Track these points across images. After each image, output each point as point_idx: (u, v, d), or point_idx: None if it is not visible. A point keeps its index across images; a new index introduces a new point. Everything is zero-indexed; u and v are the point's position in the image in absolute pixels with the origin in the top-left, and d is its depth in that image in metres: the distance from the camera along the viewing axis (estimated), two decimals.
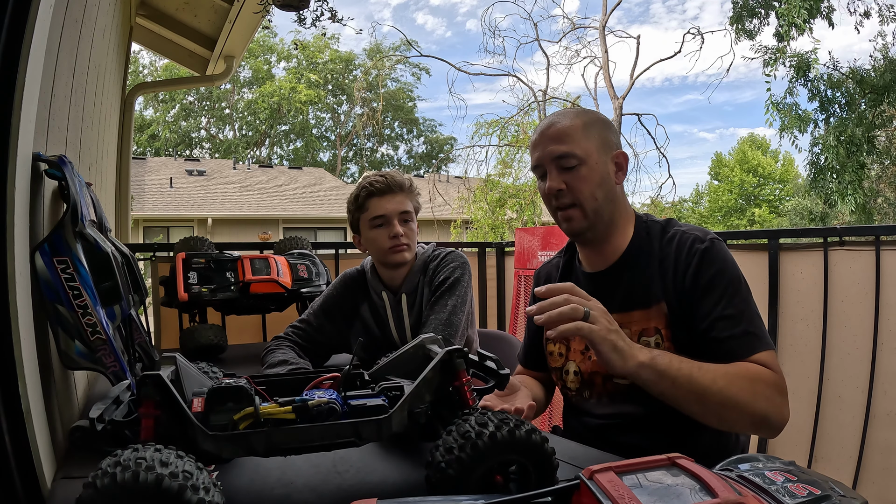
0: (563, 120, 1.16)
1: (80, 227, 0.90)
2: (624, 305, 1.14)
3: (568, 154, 1.13)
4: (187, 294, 1.76)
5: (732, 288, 1.07)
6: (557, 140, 1.14)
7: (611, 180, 1.16)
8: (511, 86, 16.06)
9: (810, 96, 10.43)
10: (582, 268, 1.26)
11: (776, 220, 22.42)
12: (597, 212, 1.15)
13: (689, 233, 1.14)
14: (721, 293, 1.07)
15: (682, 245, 1.12)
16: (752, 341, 1.04)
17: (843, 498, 0.55)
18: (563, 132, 1.14)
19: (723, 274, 1.08)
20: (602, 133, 1.17)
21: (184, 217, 14.83)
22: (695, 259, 1.09)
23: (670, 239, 1.14)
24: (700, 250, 1.10)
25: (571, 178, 1.14)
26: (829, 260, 2.05)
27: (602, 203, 1.15)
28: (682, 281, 1.10)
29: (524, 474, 0.66)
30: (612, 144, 1.18)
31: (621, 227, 1.19)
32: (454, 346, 0.77)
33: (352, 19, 24.11)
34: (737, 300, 1.07)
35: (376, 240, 1.56)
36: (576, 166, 1.13)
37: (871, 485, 1.93)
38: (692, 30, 16.16)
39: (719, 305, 1.06)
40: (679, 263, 1.11)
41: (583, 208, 1.14)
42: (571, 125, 1.15)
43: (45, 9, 0.78)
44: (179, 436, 0.64)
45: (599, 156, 1.15)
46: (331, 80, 26.56)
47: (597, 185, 1.14)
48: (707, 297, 1.07)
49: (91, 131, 1.69)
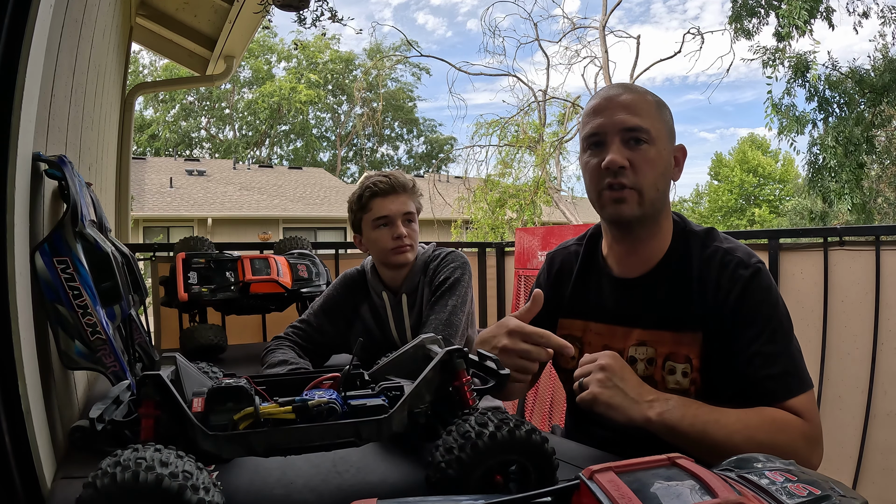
0: (635, 92, 1.03)
1: (80, 227, 0.90)
2: (655, 323, 1.05)
3: (640, 128, 0.99)
4: (187, 294, 1.76)
5: (775, 322, 0.98)
6: (629, 110, 1.00)
7: (671, 174, 1.05)
8: (511, 86, 16.08)
9: (808, 96, 10.43)
10: (609, 269, 1.14)
11: (776, 220, 22.41)
12: (653, 203, 1.02)
13: (733, 254, 1.02)
14: (762, 328, 0.97)
15: (725, 268, 1.01)
16: (790, 383, 0.95)
17: (843, 498, 0.55)
18: (637, 103, 1.01)
19: (766, 306, 0.98)
20: (671, 120, 1.06)
21: (184, 217, 14.84)
22: (737, 286, 0.99)
23: (710, 256, 1.03)
24: (744, 277, 0.99)
25: (637, 156, 1.00)
26: (830, 260, 2.05)
27: (660, 196, 1.03)
28: (720, 309, 1.00)
29: (524, 474, 0.66)
30: (674, 135, 1.07)
31: (664, 229, 1.08)
32: (454, 346, 0.77)
33: (352, 19, 24.11)
34: (778, 336, 0.97)
35: (379, 240, 1.56)
36: (644, 144, 1.00)
37: (871, 485, 1.93)
38: (692, 30, 16.18)
39: (759, 341, 0.97)
40: (720, 290, 1.00)
41: (641, 194, 1.00)
42: (645, 99, 1.03)
43: (45, 9, 0.78)
44: (179, 436, 0.64)
45: (668, 142, 1.04)
46: (331, 80, 26.57)
47: (661, 173, 1.02)
48: (747, 331, 0.97)
49: (91, 131, 1.69)
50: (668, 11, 41.74)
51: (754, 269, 1.00)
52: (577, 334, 1.17)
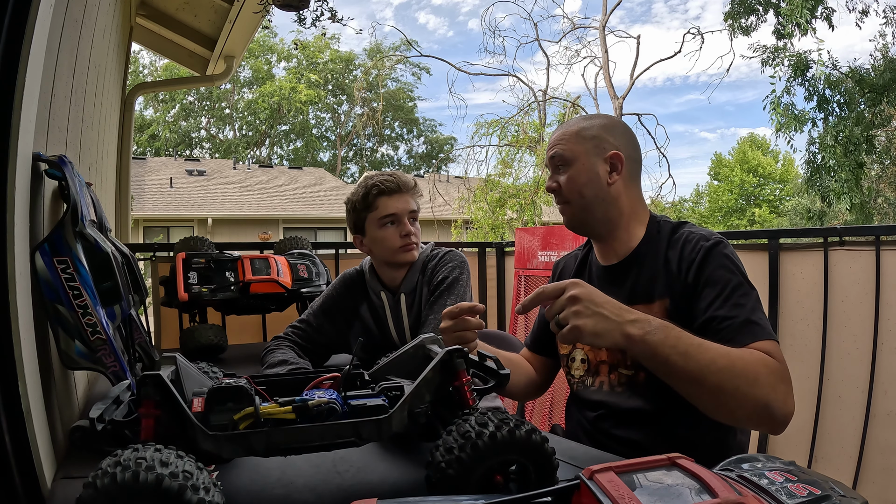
0: (567, 126, 1.26)
1: (80, 227, 0.90)
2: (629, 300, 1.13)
3: (557, 155, 1.23)
4: (187, 294, 1.76)
5: (735, 283, 1.06)
6: (554, 144, 1.25)
7: (600, 181, 1.21)
8: (511, 86, 16.07)
9: (807, 95, 10.43)
10: (597, 261, 1.31)
11: (776, 220, 22.41)
12: (585, 209, 1.22)
13: (697, 233, 1.16)
14: (721, 288, 1.06)
15: (688, 243, 1.14)
16: (753, 329, 1.01)
17: (843, 498, 0.55)
18: (558, 138, 1.25)
19: (724, 270, 1.08)
20: (596, 136, 1.22)
21: (184, 217, 14.83)
22: (699, 255, 1.10)
23: (678, 238, 1.17)
24: (704, 247, 1.11)
25: (561, 178, 1.23)
26: (830, 260, 2.05)
27: (590, 201, 1.21)
28: (685, 277, 1.11)
29: (524, 474, 0.66)
30: (607, 146, 1.21)
31: (627, 226, 1.23)
32: (454, 346, 0.77)
33: (352, 19, 24.10)
34: (737, 295, 1.05)
35: (386, 239, 1.56)
36: (563, 167, 1.23)
37: (871, 485, 1.93)
38: (692, 30, 16.18)
39: (718, 300, 1.05)
40: (683, 260, 1.13)
41: (570, 205, 1.23)
42: (568, 130, 1.24)
43: (45, 9, 0.78)
44: (179, 436, 0.64)
45: (588, 158, 1.21)
46: (331, 80, 26.57)
47: (583, 184, 1.21)
48: (707, 291, 1.07)
49: (91, 131, 1.69)
50: (669, 11, 41.75)
51: (715, 240, 1.12)
52: None
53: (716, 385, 0.93)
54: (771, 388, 0.94)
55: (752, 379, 0.93)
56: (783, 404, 0.94)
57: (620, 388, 1.18)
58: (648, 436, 1.13)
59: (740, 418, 1.00)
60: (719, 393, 0.94)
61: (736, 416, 0.98)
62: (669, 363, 0.93)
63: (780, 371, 0.97)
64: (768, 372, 0.95)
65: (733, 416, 0.98)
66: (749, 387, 0.93)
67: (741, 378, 0.93)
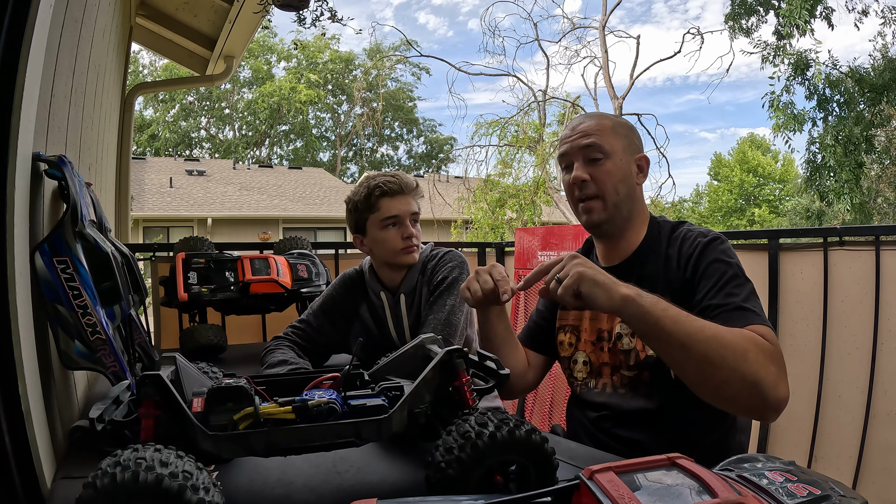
0: (594, 118, 1.24)
1: (80, 227, 0.90)
2: None
3: (595, 145, 1.19)
4: (187, 294, 1.76)
5: (730, 274, 1.08)
6: (587, 134, 1.21)
7: (632, 179, 1.22)
8: (511, 86, 16.03)
9: (807, 95, 10.42)
10: (598, 262, 1.30)
11: (776, 220, 22.41)
12: (617, 206, 1.20)
13: (695, 230, 1.19)
14: (716, 280, 1.08)
15: (686, 240, 1.16)
16: (746, 314, 1.01)
17: (843, 498, 0.55)
18: (593, 128, 1.21)
19: (720, 263, 1.10)
20: (629, 135, 1.24)
21: (184, 217, 14.83)
22: (696, 250, 1.13)
23: (677, 236, 1.19)
24: (702, 243, 1.13)
25: (596, 170, 1.20)
26: (829, 260, 2.05)
27: (623, 198, 1.21)
28: (683, 272, 1.13)
29: (524, 474, 0.66)
30: (636, 147, 1.24)
31: (636, 226, 1.25)
32: (454, 346, 0.77)
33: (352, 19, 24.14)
34: (731, 285, 1.06)
35: (388, 240, 1.55)
36: (601, 160, 1.19)
37: (871, 485, 1.93)
38: (692, 30, 16.18)
39: (713, 290, 1.07)
40: (681, 256, 1.15)
41: (604, 200, 1.20)
42: (601, 123, 1.23)
43: (45, 9, 0.78)
44: (179, 436, 0.64)
45: (624, 154, 1.21)
46: (331, 80, 26.56)
47: (619, 180, 1.20)
48: (702, 283, 1.09)
49: (91, 131, 1.69)
50: (669, 11, 41.72)
51: (712, 236, 1.14)
52: (575, 323, 1.30)
53: (703, 354, 0.92)
54: (760, 365, 0.92)
55: (741, 353, 0.92)
56: (774, 387, 0.93)
57: (623, 389, 1.18)
58: (650, 436, 1.14)
59: (728, 397, 0.96)
60: (706, 362, 0.93)
61: (724, 394, 0.95)
62: (659, 325, 0.94)
63: (772, 352, 0.95)
64: (758, 350, 0.94)
65: (721, 394, 0.96)
66: (737, 360, 0.92)
67: (728, 349, 0.92)
